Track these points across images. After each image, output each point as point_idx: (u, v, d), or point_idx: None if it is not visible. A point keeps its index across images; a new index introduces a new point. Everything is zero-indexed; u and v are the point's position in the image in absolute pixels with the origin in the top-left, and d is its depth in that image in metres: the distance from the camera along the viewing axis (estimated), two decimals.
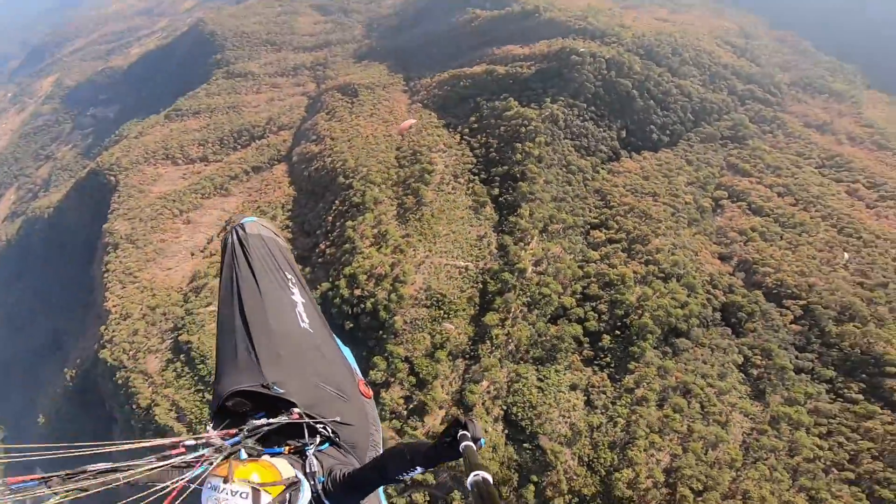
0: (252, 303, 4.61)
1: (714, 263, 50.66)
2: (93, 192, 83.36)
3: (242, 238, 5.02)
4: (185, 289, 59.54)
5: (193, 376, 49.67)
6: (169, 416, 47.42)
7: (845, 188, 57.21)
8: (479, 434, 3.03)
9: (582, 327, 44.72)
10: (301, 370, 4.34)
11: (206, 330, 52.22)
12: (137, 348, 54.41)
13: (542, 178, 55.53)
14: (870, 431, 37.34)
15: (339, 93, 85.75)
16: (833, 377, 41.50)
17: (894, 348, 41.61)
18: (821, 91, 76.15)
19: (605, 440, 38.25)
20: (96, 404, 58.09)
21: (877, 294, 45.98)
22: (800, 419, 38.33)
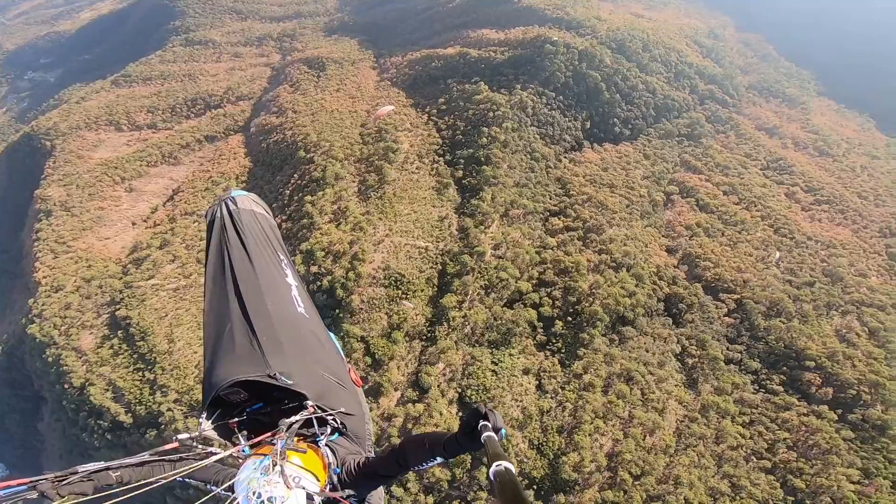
0: (248, 284, 4.27)
1: (661, 255, 53.02)
2: (25, 157, 76.44)
3: (234, 213, 4.63)
4: (125, 260, 55.70)
5: (132, 354, 46.72)
6: (105, 396, 44.63)
7: (785, 190, 61.04)
8: (499, 424, 2.98)
9: (537, 312, 45.82)
10: (304, 358, 4.13)
11: (147, 305, 49.35)
12: (70, 323, 50.50)
13: (506, 163, 55.60)
14: (787, 422, 40.35)
15: (306, 66, 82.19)
16: (758, 369, 44.52)
17: (814, 344, 45.08)
18: (775, 95, 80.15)
19: (554, 424, 39.66)
20: (24, 383, 54.29)
21: (803, 292, 49.77)
22: (727, 408, 40.97)
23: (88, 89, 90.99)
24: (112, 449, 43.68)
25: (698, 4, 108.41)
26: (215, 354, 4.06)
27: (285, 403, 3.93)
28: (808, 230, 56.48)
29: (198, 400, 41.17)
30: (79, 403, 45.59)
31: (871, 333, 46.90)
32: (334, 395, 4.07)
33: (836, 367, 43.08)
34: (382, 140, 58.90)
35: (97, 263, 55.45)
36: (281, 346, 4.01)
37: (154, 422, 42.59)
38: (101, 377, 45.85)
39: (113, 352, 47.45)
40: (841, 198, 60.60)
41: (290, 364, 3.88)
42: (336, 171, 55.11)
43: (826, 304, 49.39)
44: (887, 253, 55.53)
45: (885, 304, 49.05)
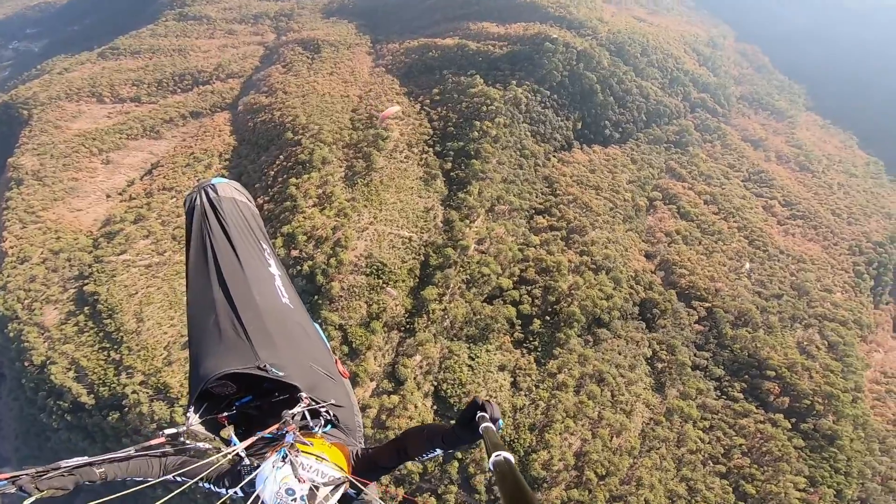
0: (232, 274, 4.19)
1: (640, 260, 53.85)
2: (1, 125, 72.89)
3: (214, 200, 4.49)
4: (96, 233, 53.37)
5: (98, 332, 44.68)
6: (66, 376, 42.64)
7: (763, 203, 62.45)
8: (497, 415, 2.99)
9: (516, 310, 46.12)
10: (293, 350, 4.05)
11: (117, 281, 47.36)
12: (34, 297, 48.09)
13: (495, 158, 55.22)
14: (743, 429, 41.85)
15: (301, 47, 79.84)
16: (721, 376, 45.94)
17: (777, 354, 46.76)
18: (765, 107, 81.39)
19: (527, 422, 40.16)
20: None
21: (771, 304, 51.39)
22: (690, 413, 42.16)
23: (73, 60, 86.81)
24: (71, 430, 42.13)
25: (702, 13, 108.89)
26: (201, 346, 3.96)
27: (275, 396, 3.88)
28: (781, 244, 58.08)
29: (165, 383, 40.04)
30: (38, 382, 43.50)
31: (830, 347, 48.89)
32: (325, 386, 3.99)
33: (795, 378, 44.79)
34: (373, 127, 57.70)
35: (67, 235, 53.00)
36: (270, 337, 3.92)
37: (118, 404, 40.83)
38: (64, 355, 43.78)
39: (78, 329, 45.41)
40: (815, 214, 62.36)
41: (280, 356, 3.80)
42: (323, 154, 53.83)
43: (791, 317, 51.20)
44: (854, 270, 57.60)
45: (846, 320, 51.11)
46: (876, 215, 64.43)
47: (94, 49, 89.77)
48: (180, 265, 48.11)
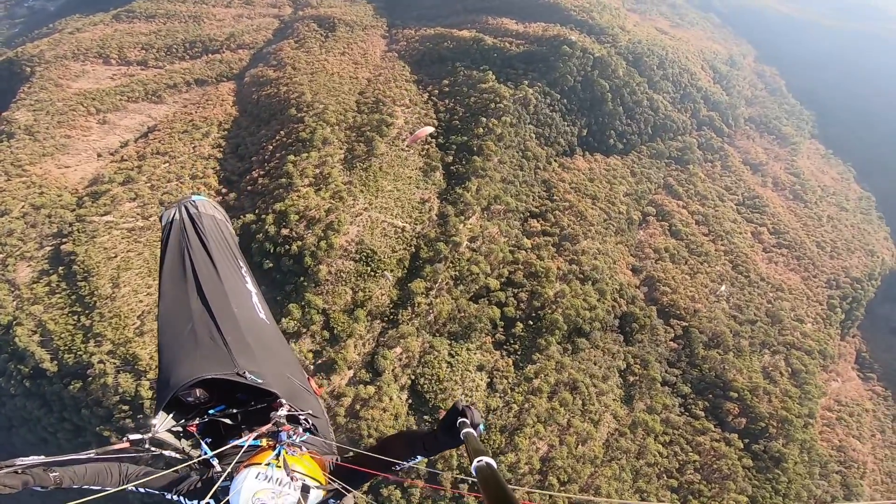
0: (211, 286, 4.19)
1: (626, 274, 54.08)
2: (2, 81, 70.12)
3: (195, 216, 4.55)
4: (81, 192, 51.31)
5: (70, 294, 42.83)
6: (31, 339, 40.83)
7: (753, 229, 62.77)
8: (478, 420, 2.96)
9: (500, 311, 46.19)
10: (270, 361, 4.05)
11: (97, 243, 45.53)
12: (9, 252, 46.07)
13: (497, 156, 54.27)
14: (700, 445, 43.14)
15: (316, 23, 76.99)
16: (687, 393, 47.00)
17: (742, 377, 48.08)
18: (770, 131, 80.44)
19: (499, 423, 40.68)
20: None
21: (744, 329, 52.37)
22: (654, 427, 43.20)
23: (87, 21, 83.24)
24: (28, 398, 40.59)
25: (726, 30, 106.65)
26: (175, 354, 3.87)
27: (251, 405, 3.81)
28: (763, 271, 58.76)
29: (134, 354, 38.59)
30: (1, 344, 41.51)
31: (793, 374, 50.24)
32: (301, 397, 3.99)
33: (755, 401, 46.03)
34: (378, 112, 56.12)
35: (51, 191, 50.89)
36: (248, 346, 3.90)
37: (81, 373, 39.24)
38: (31, 317, 41.92)
39: (49, 289, 43.58)
40: (801, 245, 62.99)
41: (259, 364, 3.76)
42: (325, 134, 52.30)
43: (762, 343, 52.34)
44: (828, 303, 58.70)
45: (812, 350, 52.43)
46: (859, 251, 65.32)
47: (109, 10, 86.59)
48: None
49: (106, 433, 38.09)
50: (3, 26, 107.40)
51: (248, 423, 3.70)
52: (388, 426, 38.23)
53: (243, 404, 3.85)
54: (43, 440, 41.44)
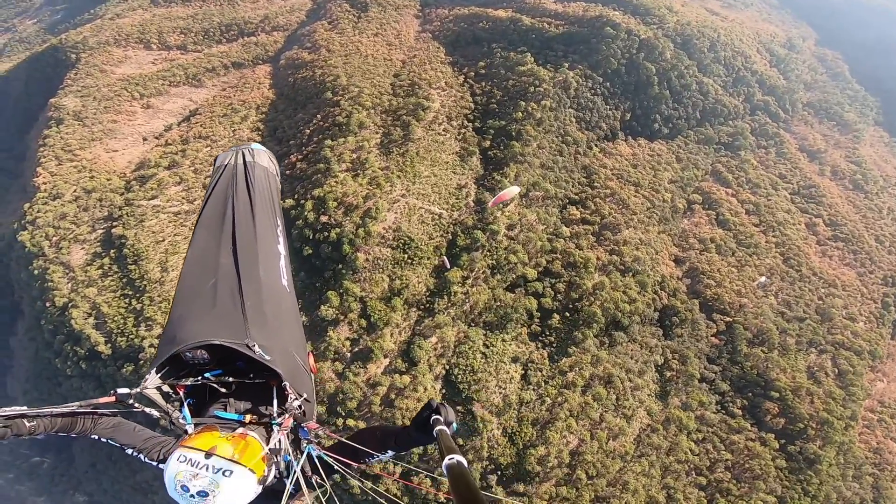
0: (245, 243, 4.01)
1: (669, 265, 51.46)
2: (47, 66, 71.66)
3: (249, 164, 4.41)
4: (130, 176, 52.23)
5: (122, 278, 43.76)
6: (86, 322, 41.86)
7: (807, 220, 58.37)
8: (451, 418, 2.91)
9: (537, 302, 44.85)
10: (280, 335, 3.88)
11: (146, 226, 46.44)
12: (63, 235, 47.18)
13: (536, 142, 51.79)
14: (733, 444, 41.49)
15: (348, 3, 75.21)
16: (726, 391, 44.89)
17: (785, 377, 45.57)
18: (831, 118, 74.09)
19: (530, 416, 40.00)
20: (4, 292, 51.16)
21: (792, 326, 49.29)
22: (687, 424, 41.74)
23: (126, 6, 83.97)
24: (84, 378, 41.87)
25: (783, 11, 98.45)
26: (189, 307, 3.76)
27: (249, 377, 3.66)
28: (816, 265, 54.87)
29: None
30: (57, 325, 42.81)
31: (839, 374, 47.35)
32: (301, 378, 3.85)
33: (796, 402, 43.69)
34: (414, 95, 54.36)
35: (101, 175, 51.93)
36: (264, 317, 3.75)
37: (134, 356, 40.12)
38: (86, 299, 43.00)
39: (102, 272, 44.62)
40: (858, 238, 58.33)
41: (269, 338, 3.60)
42: (361, 119, 51.05)
43: (809, 341, 49.28)
44: (882, 301, 54.62)
45: (862, 350, 49.12)
46: None
47: None
48: None
49: None
50: (45, 13, 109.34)
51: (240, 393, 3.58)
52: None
53: (240, 373, 3.66)
54: None
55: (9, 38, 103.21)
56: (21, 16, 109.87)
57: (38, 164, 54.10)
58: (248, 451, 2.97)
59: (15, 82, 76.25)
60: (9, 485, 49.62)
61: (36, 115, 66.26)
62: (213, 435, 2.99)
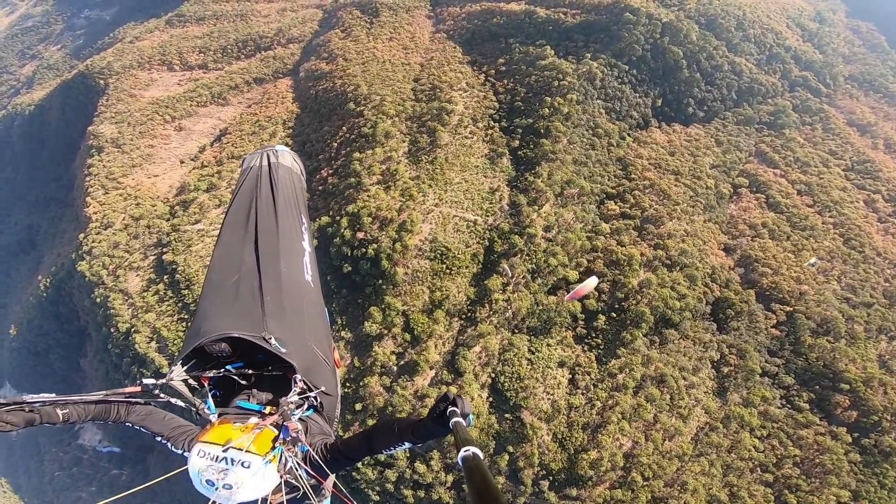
0: (268, 240, 4.20)
1: (718, 255, 49.34)
2: (79, 94, 75.45)
3: (273, 165, 4.63)
4: (172, 201, 54.37)
5: (177, 302, 45.64)
6: (149, 346, 43.85)
7: (865, 197, 54.95)
8: (467, 410, 2.97)
9: (581, 304, 43.77)
10: (300, 329, 4.03)
11: (193, 251, 48.13)
12: (118, 264, 49.60)
13: (566, 137, 50.62)
14: (801, 439, 39.51)
15: (358, 10, 76.09)
16: (791, 384, 42.71)
17: (855, 367, 42.82)
18: (876, 89, 70.17)
19: (581, 420, 39.15)
20: (70, 317, 54.34)
21: (858, 313, 46.31)
22: (749, 420, 39.93)
23: (142, 28, 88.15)
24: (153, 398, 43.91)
25: None
26: (214, 302, 3.95)
27: (268, 370, 3.81)
28: (879, 245, 51.51)
29: None
30: (123, 348, 44.94)
31: None
32: (319, 371, 3.97)
33: (869, 393, 41.12)
34: (436, 99, 54.11)
35: (145, 202, 54.22)
36: (283, 311, 3.90)
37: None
38: (147, 324, 44.88)
39: (158, 298, 46.59)
40: None
41: (287, 331, 3.74)
42: (386, 128, 51.22)
43: (878, 328, 46.24)
44: None
45: None
46: None
47: (161, 16, 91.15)
48: None
49: None
50: (67, 38, 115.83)
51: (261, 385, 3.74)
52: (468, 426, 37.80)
53: (261, 365, 3.82)
54: None
55: (36, 65, 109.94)
56: (44, 42, 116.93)
57: (86, 194, 57.06)
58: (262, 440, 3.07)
59: (52, 111, 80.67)
60: (92, 497, 52.26)
61: (77, 143, 69.69)
62: (227, 427, 3.09)
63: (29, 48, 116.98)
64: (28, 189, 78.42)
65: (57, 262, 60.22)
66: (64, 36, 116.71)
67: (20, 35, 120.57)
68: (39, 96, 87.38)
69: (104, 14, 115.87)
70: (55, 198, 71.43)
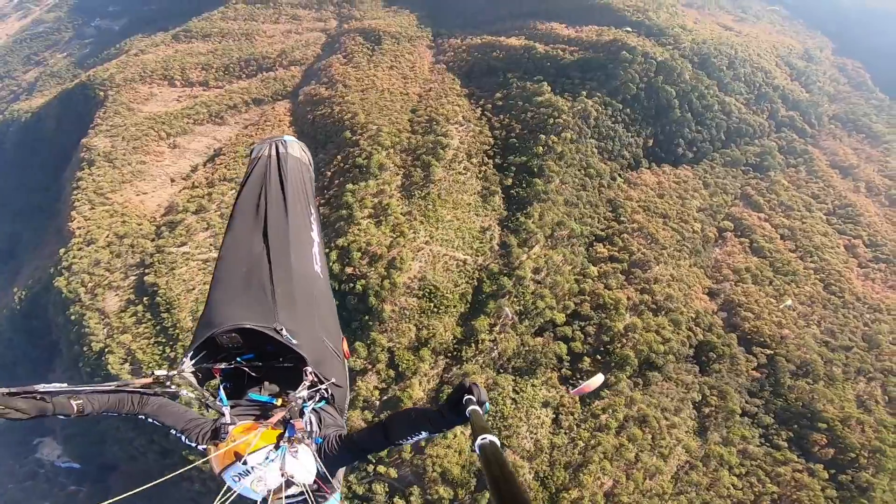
0: (278, 229, 4.27)
1: (703, 300, 50.97)
2: (77, 104, 75.61)
3: (282, 155, 4.68)
4: (159, 221, 54.45)
5: (155, 325, 45.30)
6: (122, 367, 43.59)
7: (846, 242, 57.09)
8: (484, 398, 2.99)
9: (567, 346, 45.05)
10: (310, 320, 4.10)
11: (176, 274, 48.17)
12: (97, 282, 49.28)
13: (559, 177, 52.20)
14: (779, 476, 40.74)
15: (361, 36, 77.74)
16: (769, 424, 44.15)
17: (833, 407, 44.55)
18: (859, 130, 72.80)
19: (563, 459, 40.22)
20: (42, 332, 53.69)
21: (837, 356, 48.22)
22: (728, 459, 41.22)
23: (149, 41, 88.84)
24: (121, 420, 41.55)
25: (796, 22, 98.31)
26: (224, 292, 4.01)
27: (279, 361, 3.86)
28: (858, 290, 53.56)
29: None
30: (95, 368, 44.47)
31: (889, 401, 46.07)
32: (329, 363, 4.02)
33: (846, 431, 42.69)
34: (432, 132, 55.45)
35: (132, 220, 54.23)
36: (294, 301, 3.94)
37: None
38: (121, 346, 44.61)
39: (136, 319, 46.32)
40: None
41: (298, 322, 3.79)
42: (381, 160, 52.38)
43: (857, 370, 48.17)
44: None
45: None
46: None
47: (169, 29, 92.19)
48: None
49: (191, 458, 40.85)
50: (74, 46, 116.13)
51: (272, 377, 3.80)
52: (452, 462, 38.75)
53: (271, 357, 3.87)
54: (132, 457, 45.11)
55: (40, 72, 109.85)
56: (51, 49, 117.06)
57: (72, 208, 56.89)
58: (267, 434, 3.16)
59: (48, 119, 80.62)
60: None
61: (69, 154, 69.63)
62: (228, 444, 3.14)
63: (35, 54, 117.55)
64: (14, 197, 77.86)
65: (35, 274, 59.82)
66: (71, 44, 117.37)
67: (29, 40, 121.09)
68: (38, 103, 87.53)
69: (114, 24, 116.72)
70: (41, 208, 71.04)
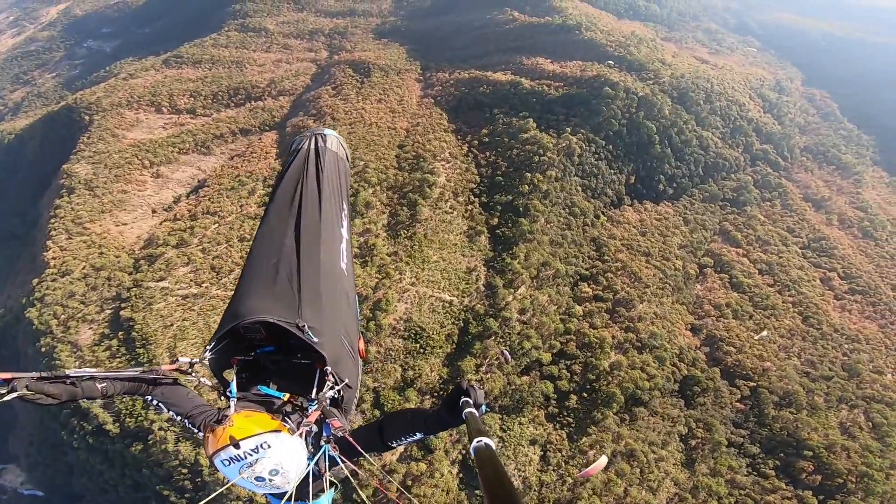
0: (309, 225, 4.35)
1: (686, 336, 52.84)
2: (61, 127, 75.12)
3: (321, 150, 4.77)
4: (138, 253, 53.51)
5: (130, 360, 44.12)
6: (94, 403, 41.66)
7: (821, 275, 59.77)
8: (481, 401, 3.05)
9: (553, 385, 46.20)
10: (333, 318, 4.14)
11: (154, 310, 47.28)
12: (71, 314, 47.98)
13: (543, 217, 54.26)
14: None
15: (351, 68, 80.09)
16: (756, 453, 45.62)
17: (817, 435, 46.06)
18: (830, 161, 76.37)
19: (552, 497, 40.97)
20: (11, 362, 51.63)
21: (818, 385, 50.10)
22: (718, 490, 42.33)
23: (139, 66, 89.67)
24: (91, 452, 42.50)
25: (767, 53, 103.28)
26: (252, 284, 4.09)
27: (297, 357, 3.93)
28: (836, 321, 55.96)
29: None
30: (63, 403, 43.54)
31: (873, 427, 47.83)
32: (345, 363, 4.07)
33: (832, 458, 44.29)
34: (419, 169, 57.32)
35: (110, 252, 53.04)
36: (319, 298, 4.01)
37: (143, 436, 40.85)
38: None
39: (110, 354, 45.39)
40: (875, 289, 59.53)
41: (322, 320, 3.87)
42: (367, 197, 53.99)
43: (838, 398, 50.02)
44: None
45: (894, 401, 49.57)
46: None
47: (160, 54, 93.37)
48: (217, 300, 48.45)
49: (165, 492, 40.31)
50: (63, 67, 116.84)
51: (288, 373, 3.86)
52: (440, 502, 39.14)
53: (291, 351, 3.94)
54: (103, 490, 44.04)
55: (27, 91, 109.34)
56: (41, 68, 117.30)
57: (48, 237, 55.56)
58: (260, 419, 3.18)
59: (31, 142, 79.42)
60: None
61: (49, 180, 68.08)
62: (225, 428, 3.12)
63: (25, 72, 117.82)
64: None
65: (6, 304, 57.89)
66: (61, 64, 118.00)
67: (20, 58, 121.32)
68: (22, 125, 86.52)
69: (106, 46, 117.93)
70: (16, 235, 68.77)
